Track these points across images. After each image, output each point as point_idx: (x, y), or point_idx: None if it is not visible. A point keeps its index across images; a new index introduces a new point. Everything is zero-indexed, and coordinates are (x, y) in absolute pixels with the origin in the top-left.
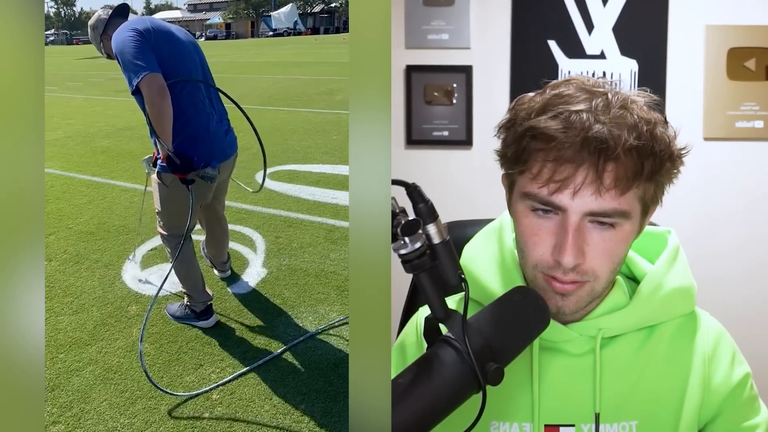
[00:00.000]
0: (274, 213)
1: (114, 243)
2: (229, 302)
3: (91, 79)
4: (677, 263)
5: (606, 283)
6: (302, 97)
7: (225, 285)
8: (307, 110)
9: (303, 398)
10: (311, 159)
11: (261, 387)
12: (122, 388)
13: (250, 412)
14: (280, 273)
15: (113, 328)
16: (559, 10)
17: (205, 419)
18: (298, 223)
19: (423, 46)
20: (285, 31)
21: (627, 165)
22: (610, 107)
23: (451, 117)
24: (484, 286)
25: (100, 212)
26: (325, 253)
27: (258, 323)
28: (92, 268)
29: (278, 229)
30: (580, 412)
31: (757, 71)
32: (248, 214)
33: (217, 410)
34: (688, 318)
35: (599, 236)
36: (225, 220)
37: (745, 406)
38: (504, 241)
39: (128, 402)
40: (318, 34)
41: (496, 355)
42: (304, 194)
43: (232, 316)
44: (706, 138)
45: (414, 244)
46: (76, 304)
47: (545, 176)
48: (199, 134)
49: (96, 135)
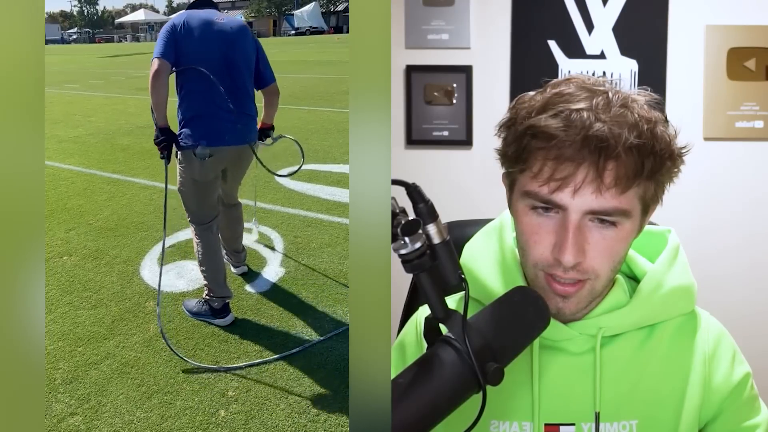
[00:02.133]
0: (293, 212)
1: (133, 239)
2: (246, 300)
3: (112, 78)
4: (677, 262)
5: (606, 282)
6: (324, 95)
7: (242, 283)
8: (328, 109)
9: (319, 398)
10: (332, 159)
11: (277, 386)
12: (139, 382)
13: (266, 410)
14: (298, 273)
15: (131, 323)
16: (559, 10)
17: (221, 415)
18: (317, 222)
19: (423, 46)
20: (307, 30)
21: (627, 164)
22: (611, 106)
23: (451, 117)
24: (484, 285)
25: (120, 209)
26: (343, 253)
27: (275, 322)
28: (111, 264)
29: (297, 228)
30: (581, 411)
31: (757, 71)
32: (267, 213)
33: (233, 407)
34: (689, 317)
35: (599, 235)
36: (239, 209)
37: (746, 405)
38: (504, 240)
39: (144, 396)
40: (341, 33)
41: (496, 355)
42: (324, 194)
43: (249, 314)
44: (706, 138)
45: (414, 244)
46: (95, 298)
47: (546, 175)
48: (200, 116)
49: (116, 132)
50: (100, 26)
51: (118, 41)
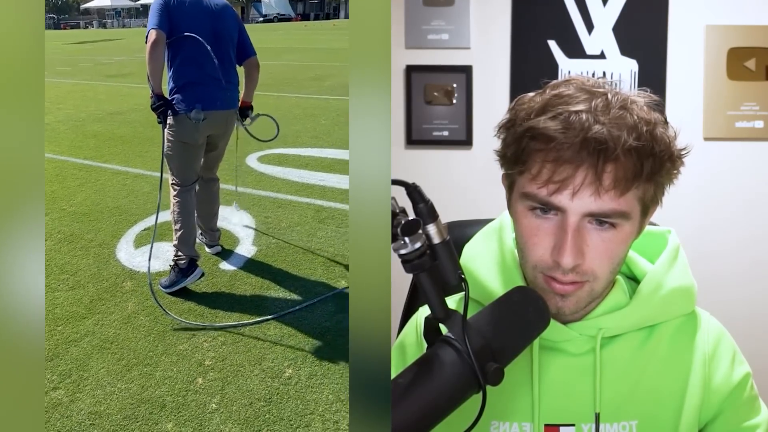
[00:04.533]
0: (264, 194)
1: (107, 223)
2: (221, 277)
3: (80, 64)
4: (677, 263)
5: (606, 284)
6: (291, 82)
7: (217, 261)
8: (296, 95)
9: (290, 363)
10: (300, 143)
11: (251, 354)
12: (119, 356)
13: (241, 377)
14: (269, 250)
15: (109, 302)
16: (559, 10)
17: (199, 383)
18: (287, 203)
19: (423, 46)
20: (275, 17)
21: (626, 166)
22: (610, 108)
23: (451, 117)
24: (484, 286)
25: (93, 194)
26: (312, 231)
27: (248, 296)
28: (87, 248)
29: (268, 209)
30: (580, 411)
31: (757, 71)
32: (238, 195)
33: (210, 375)
34: (689, 318)
35: (599, 237)
36: (217, 184)
37: (746, 406)
38: (504, 240)
39: (125, 369)
40: (308, 20)
41: (496, 355)
42: (293, 176)
43: (224, 289)
44: (706, 138)
45: (414, 244)
46: (72, 281)
47: (544, 176)
48: (192, 83)
49: (86, 120)
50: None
51: (84, 27)
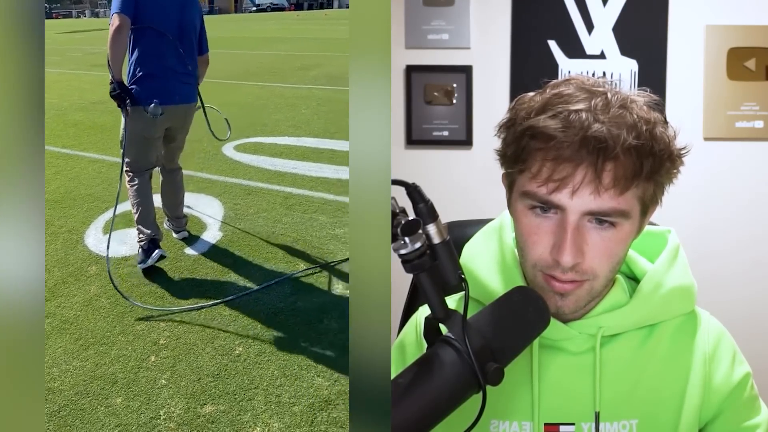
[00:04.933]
0: (236, 182)
1: (79, 210)
2: (185, 261)
3: (69, 54)
4: (677, 262)
5: (605, 282)
6: (277, 72)
7: (183, 246)
8: (280, 85)
9: (242, 341)
10: (278, 132)
11: (204, 333)
12: (77, 336)
13: (193, 354)
14: (234, 236)
15: (72, 286)
16: (559, 10)
17: (151, 360)
18: (257, 191)
19: (423, 46)
20: (268, 6)
21: (626, 164)
22: (610, 107)
23: (451, 117)
24: (484, 286)
25: (67, 182)
26: (278, 217)
27: (209, 279)
28: (56, 234)
29: (238, 196)
30: (580, 410)
31: (757, 71)
32: (211, 183)
33: (163, 353)
34: (689, 317)
35: (598, 236)
36: (180, 173)
37: (746, 405)
38: (504, 240)
39: (81, 348)
40: (301, 10)
41: (496, 355)
42: (266, 164)
43: (186, 273)
44: (706, 138)
45: (414, 244)
46: None
47: (544, 175)
48: (153, 75)
49: (69, 108)
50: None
51: (77, 17)
